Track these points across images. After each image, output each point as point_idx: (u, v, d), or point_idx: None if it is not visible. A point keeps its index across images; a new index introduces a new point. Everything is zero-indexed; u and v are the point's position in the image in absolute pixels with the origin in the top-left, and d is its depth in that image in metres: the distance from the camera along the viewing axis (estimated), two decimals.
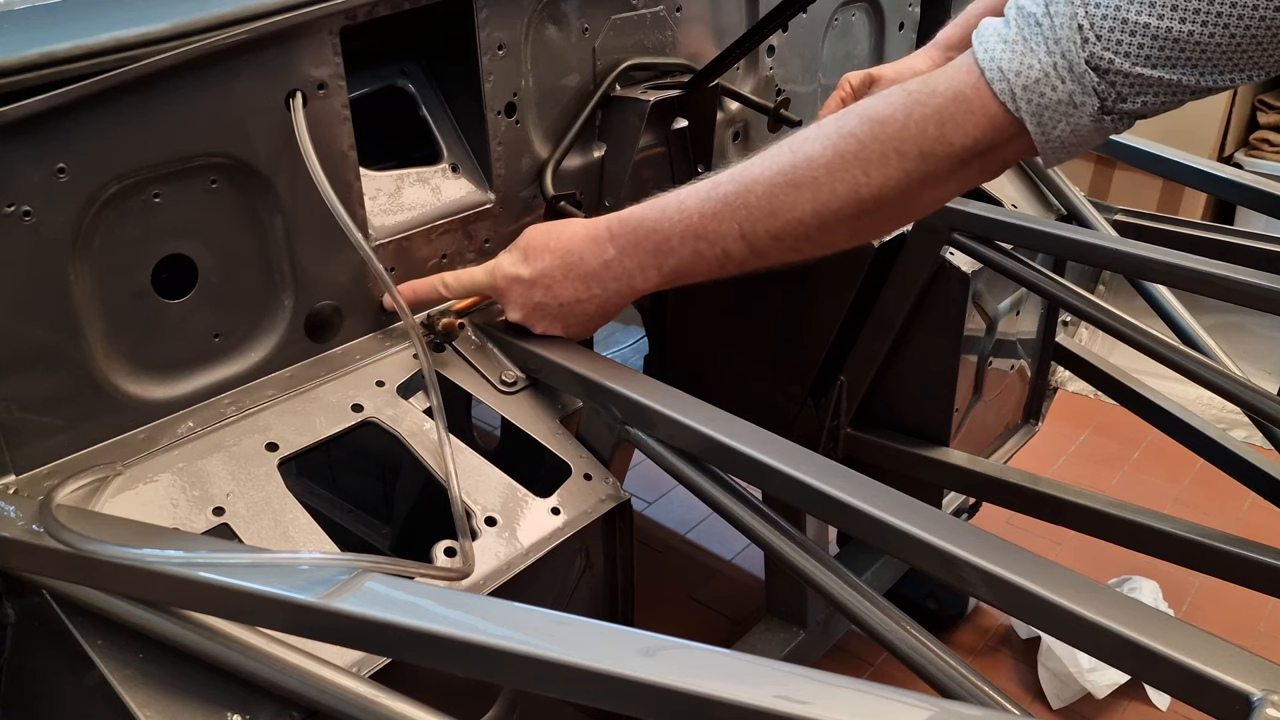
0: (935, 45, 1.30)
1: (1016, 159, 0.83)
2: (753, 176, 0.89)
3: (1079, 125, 0.77)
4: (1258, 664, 0.64)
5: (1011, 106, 0.77)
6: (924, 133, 0.81)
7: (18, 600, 0.82)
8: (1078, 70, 0.74)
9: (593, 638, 0.67)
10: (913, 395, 1.52)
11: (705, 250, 0.92)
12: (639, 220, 0.95)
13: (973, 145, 0.80)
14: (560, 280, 0.98)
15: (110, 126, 0.80)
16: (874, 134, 0.83)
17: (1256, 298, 1.22)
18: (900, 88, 0.84)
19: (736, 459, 0.90)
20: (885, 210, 0.86)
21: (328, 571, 0.72)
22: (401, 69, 1.11)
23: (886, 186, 0.84)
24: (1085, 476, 2.53)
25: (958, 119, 0.80)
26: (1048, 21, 0.75)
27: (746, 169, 0.90)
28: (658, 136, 1.29)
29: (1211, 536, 1.32)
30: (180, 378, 0.92)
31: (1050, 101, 0.76)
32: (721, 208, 0.90)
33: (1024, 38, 0.76)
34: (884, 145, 0.83)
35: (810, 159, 0.86)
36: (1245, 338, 2.60)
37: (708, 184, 0.92)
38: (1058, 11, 0.74)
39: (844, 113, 0.86)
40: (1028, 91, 0.76)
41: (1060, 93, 0.75)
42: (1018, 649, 2.07)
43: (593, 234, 0.97)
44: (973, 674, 0.88)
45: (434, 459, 0.94)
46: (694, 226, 0.92)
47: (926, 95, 0.82)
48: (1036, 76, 0.75)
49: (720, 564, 2.32)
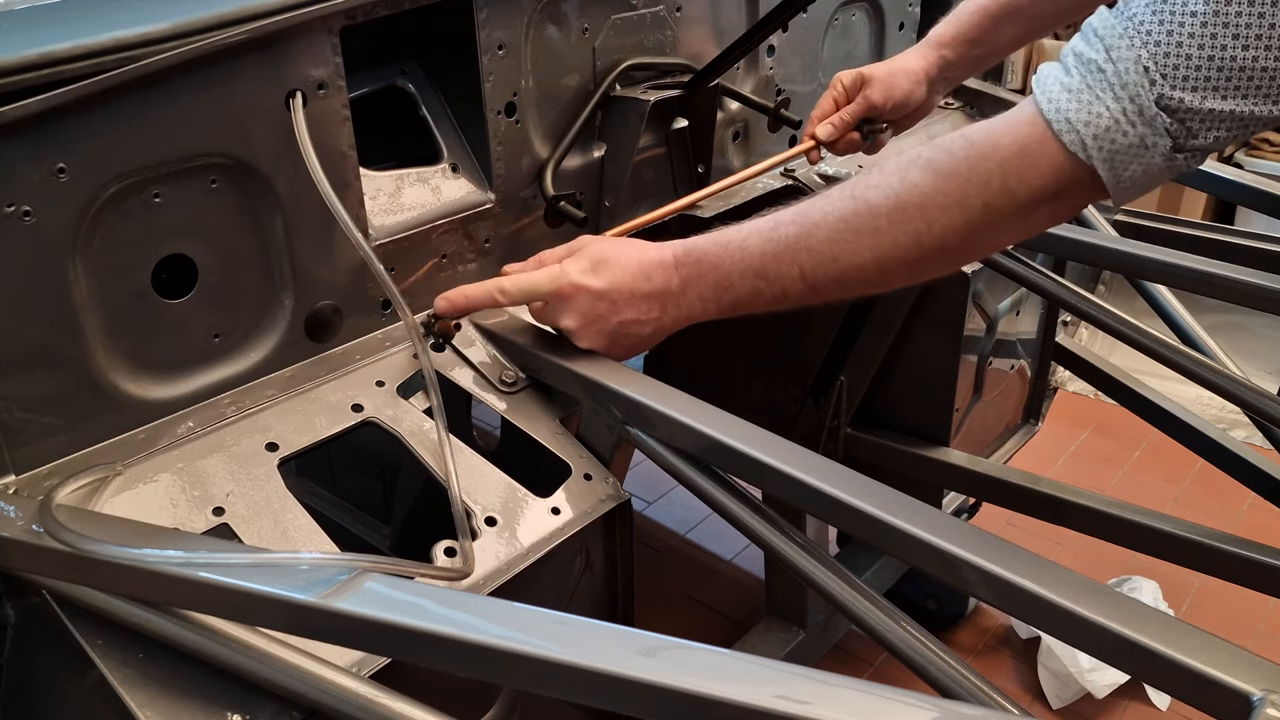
0: (928, 43, 1.31)
1: (1087, 204, 0.84)
2: (814, 220, 0.89)
3: (1150, 165, 0.76)
4: (1258, 664, 0.64)
5: (1083, 156, 0.76)
6: (988, 185, 0.81)
7: (18, 600, 0.82)
8: (1148, 114, 0.73)
9: (593, 638, 0.67)
10: (913, 395, 1.52)
11: (764, 289, 0.93)
12: (701, 253, 0.96)
13: (1038, 194, 0.80)
14: (627, 298, 0.97)
15: (110, 126, 0.80)
16: (937, 186, 0.83)
17: (1256, 298, 1.22)
18: (963, 136, 0.83)
19: (736, 459, 0.90)
20: (947, 256, 0.87)
21: (328, 571, 0.72)
22: (401, 69, 1.11)
23: (949, 236, 0.84)
24: (1085, 476, 2.53)
25: (1022, 171, 0.80)
26: (1111, 67, 0.74)
27: (809, 211, 0.90)
28: (658, 136, 1.29)
29: (1211, 536, 1.32)
30: (180, 378, 0.92)
31: (1121, 147, 0.75)
32: (783, 249, 0.91)
33: (1088, 85, 0.75)
34: (947, 197, 0.83)
35: (873, 208, 0.86)
36: (1245, 338, 2.60)
37: (770, 223, 0.93)
38: (1120, 56, 0.73)
39: (908, 161, 0.86)
40: (1099, 140, 0.75)
41: (1131, 137, 0.74)
42: (1018, 649, 2.07)
43: (660, 259, 0.97)
44: (973, 674, 0.88)
45: (434, 459, 0.93)
46: (754, 265, 0.92)
47: (990, 148, 0.81)
48: (1107, 124, 0.75)
49: (720, 564, 2.32)
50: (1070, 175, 0.78)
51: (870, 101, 1.28)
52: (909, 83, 1.28)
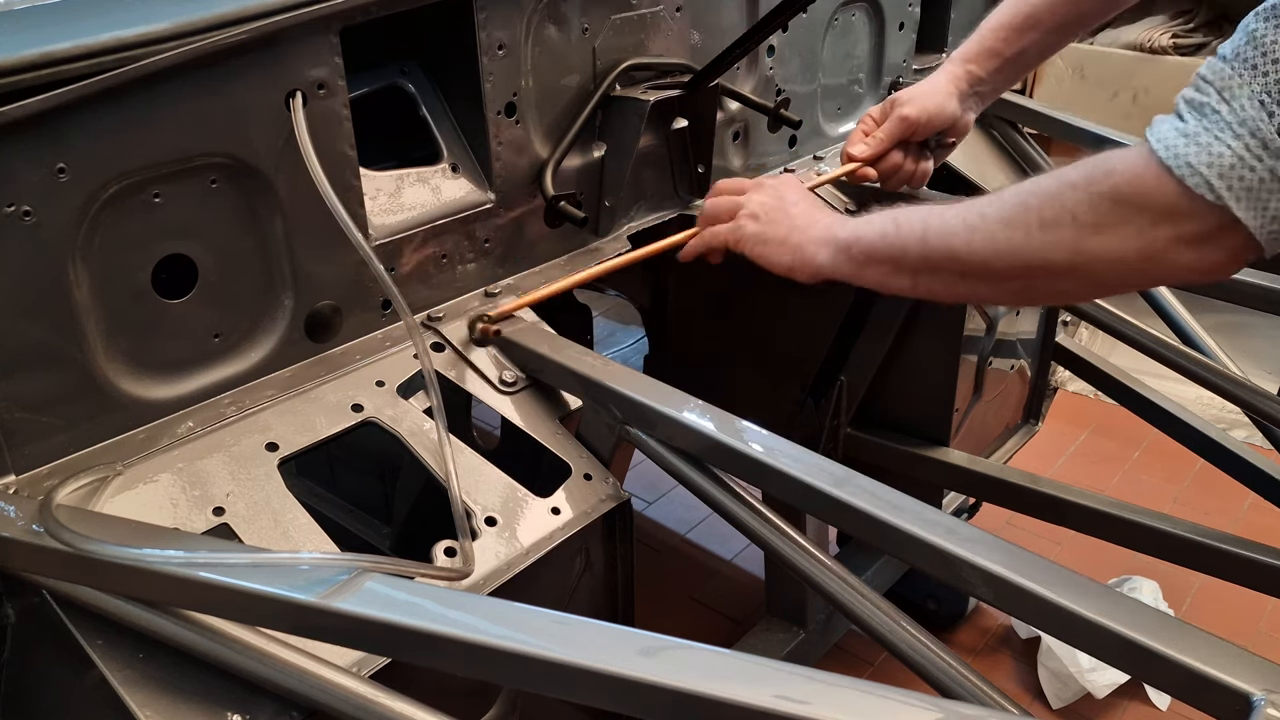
0: (952, 61, 1.30)
1: (1234, 260, 0.81)
2: (973, 204, 0.93)
3: None
4: (1258, 664, 0.64)
5: (1211, 196, 0.76)
6: (1097, 200, 0.82)
7: (18, 600, 0.82)
8: (1273, 146, 0.73)
9: (593, 638, 0.67)
10: (913, 395, 1.52)
11: (891, 235, 0.99)
12: (858, 234, 1.03)
13: (1151, 222, 0.80)
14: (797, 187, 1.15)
15: (110, 126, 0.80)
16: (1056, 190, 0.85)
17: (1256, 298, 1.22)
18: (1081, 164, 0.84)
19: (736, 459, 0.90)
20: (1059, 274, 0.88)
21: (328, 571, 0.72)
22: (401, 69, 1.11)
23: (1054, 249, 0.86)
24: (1085, 476, 2.53)
25: (1133, 196, 0.80)
26: (1225, 108, 0.74)
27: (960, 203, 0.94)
28: (658, 136, 1.29)
29: (1211, 536, 1.32)
30: (180, 378, 0.92)
31: (1253, 183, 0.75)
32: (917, 222, 0.97)
33: (1204, 128, 0.75)
34: (1058, 205, 0.84)
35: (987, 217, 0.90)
36: (1245, 338, 2.59)
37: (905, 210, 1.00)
38: (1234, 95, 0.74)
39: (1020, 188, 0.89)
40: (1225, 179, 0.75)
41: (1260, 171, 0.74)
42: (1018, 649, 2.07)
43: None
44: (973, 674, 0.88)
45: (434, 459, 0.93)
46: (894, 213, 1.00)
47: (1101, 175, 0.82)
48: (1231, 162, 0.74)
49: (720, 564, 2.32)
50: (1198, 216, 0.77)
51: (905, 118, 1.27)
52: (940, 97, 1.27)
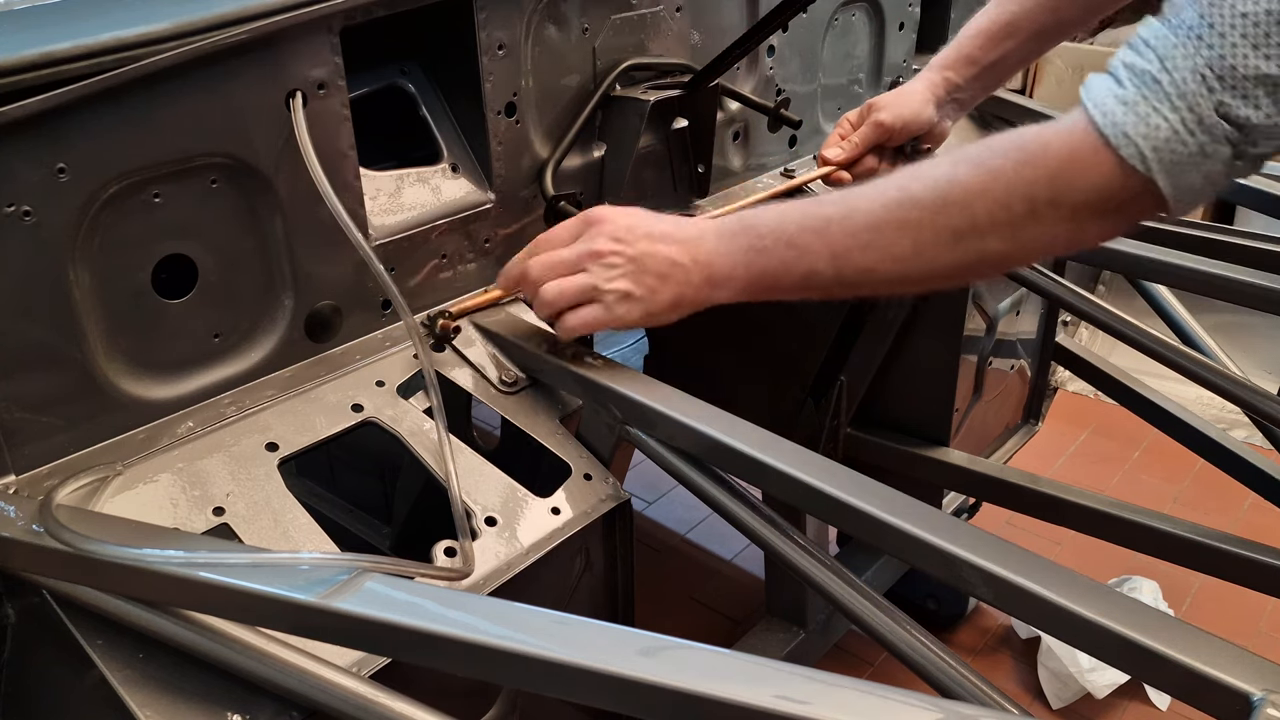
0: (930, 68, 1.30)
1: (1142, 219, 0.82)
2: (855, 204, 0.89)
3: (1211, 173, 0.75)
4: (1258, 664, 0.64)
5: (1142, 168, 0.75)
6: (1033, 193, 0.80)
7: (18, 600, 0.82)
8: (1208, 122, 0.72)
9: (593, 638, 0.67)
10: (913, 395, 1.52)
11: (793, 263, 0.90)
12: (740, 214, 0.95)
13: (1088, 205, 0.79)
14: (656, 228, 0.94)
15: (110, 126, 0.80)
16: (983, 187, 0.82)
17: (1256, 298, 1.22)
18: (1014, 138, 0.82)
19: (736, 459, 0.90)
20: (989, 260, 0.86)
21: (328, 571, 0.72)
22: (401, 69, 1.11)
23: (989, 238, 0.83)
24: (1085, 476, 2.53)
25: (1072, 180, 0.78)
26: (1166, 77, 0.73)
27: (852, 194, 0.89)
28: (658, 136, 1.29)
29: (1211, 536, 1.32)
30: (180, 378, 0.92)
31: (1181, 156, 0.74)
32: (820, 224, 0.89)
33: (1143, 97, 0.74)
34: (991, 199, 0.82)
35: (915, 199, 0.85)
36: (1245, 338, 2.60)
37: (813, 200, 0.92)
38: (1175, 66, 0.73)
39: (957, 156, 0.85)
40: (1158, 152, 0.74)
41: (1191, 146, 0.73)
42: (1018, 649, 2.07)
43: (696, 219, 0.97)
44: (973, 674, 0.88)
45: (434, 459, 0.93)
46: (789, 234, 0.90)
47: (1039, 152, 0.80)
48: (1166, 136, 0.74)
49: (720, 564, 2.32)
50: (1125, 187, 0.77)
51: (880, 123, 1.27)
52: (917, 103, 1.27)
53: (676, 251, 0.94)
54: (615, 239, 0.94)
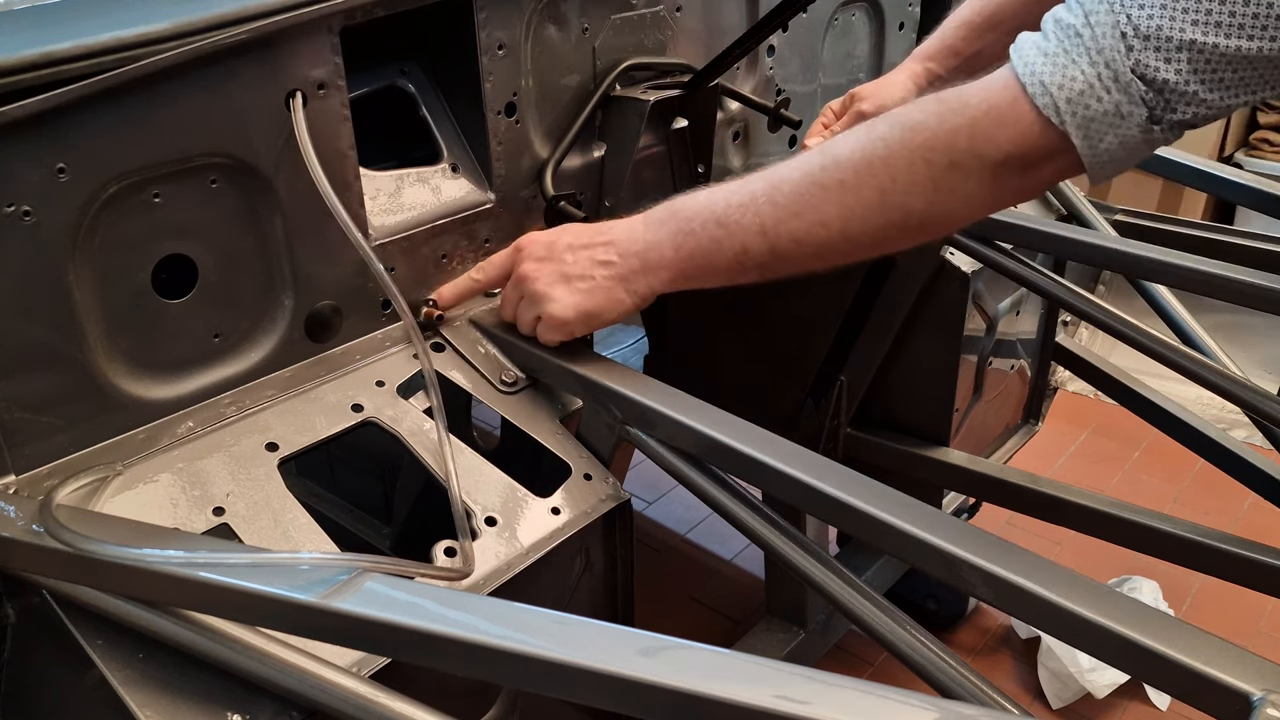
0: (913, 58, 1.30)
1: (1059, 178, 0.81)
2: (782, 175, 0.88)
3: (1127, 137, 0.74)
4: (1258, 664, 0.64)
5: (1056, 120, 0.75)
6: (954, 142, 0.79)
7: (18, 600, 0.82)
8: (1124, 79, 0.72)
9: (593, 638, 0.67)
10: (913, 395, 1.52)
11: (724, 241, 0.90)
12: (669, 201, 0.96)
13: (1007, 158, 0.78)
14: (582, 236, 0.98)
15: (110, 126, 0.80)
16: (903, 140, 0.82)
17: (1256, 298, 1.22)
18: (935, 96, 0.82)
19: (736, 459, 0.90)
20: (913, 220, 0.85)
21: (328, 571, 0.72)
22: (401, 69, 1.11)
23: (914, 194, 0.82)
24: (1085, 476, 2.53)
25: (991, 131, 0.78)
26: (1088, 32, 0.73)
27: (778, 169, 0.89)
28: (658, 136, 1.29)
29: (1211, 536, 1.32)
30: (180, 378, 0.92)
31: (1096, 113, 0.73)
32: (747, 199, 0.89)
33: (1064, 49, 0.74)
34: (912, 152, 0.81)
35: (839, 162, 0.85)
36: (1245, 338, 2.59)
37: (740, 180, 0.92)
38: (1098, 21, 0.72)
39: (876, 119, 0.85)
40: (1072, 104, 0.74)
41: (1106, 104, 0.73)
42: (1018, 649, 2.07)
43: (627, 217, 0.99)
44: (973, 674, 0.88)
45: (434, 459, 0.93)
46: (717, 213, 0.90)
47: (959, 105, 0.80)
48: (1081, 89, 0.73)
49: (720, 564, 2.32)
50: (1042, 141, 0.76)
51: (862, 113, 1.27)
52: (898, 92, 1.27)
53: (602, 251, 0.96)
54: (537, 259, 0.99)
